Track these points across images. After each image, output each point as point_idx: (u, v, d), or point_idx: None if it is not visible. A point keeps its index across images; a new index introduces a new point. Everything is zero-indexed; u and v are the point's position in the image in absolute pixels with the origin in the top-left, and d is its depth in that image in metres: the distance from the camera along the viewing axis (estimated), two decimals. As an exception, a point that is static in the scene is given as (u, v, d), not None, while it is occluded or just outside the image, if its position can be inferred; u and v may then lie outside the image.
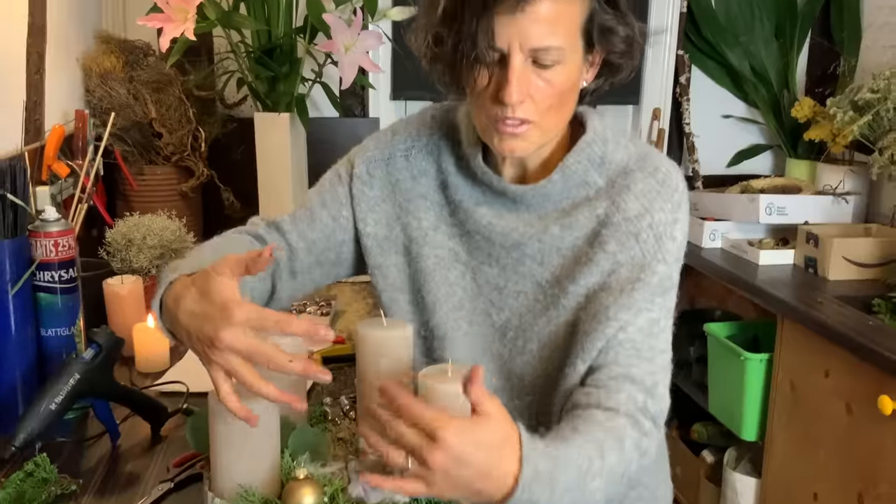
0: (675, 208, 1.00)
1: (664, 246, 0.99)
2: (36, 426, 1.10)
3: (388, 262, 1.10)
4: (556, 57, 0.91)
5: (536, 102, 0.94)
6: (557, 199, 1.03)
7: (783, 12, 2.74)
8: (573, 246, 1.01)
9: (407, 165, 1.10)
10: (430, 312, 1.07)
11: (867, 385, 1.77)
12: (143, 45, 2.26)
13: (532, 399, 1.06)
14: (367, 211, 1.10)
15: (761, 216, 2.36)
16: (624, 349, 0.96)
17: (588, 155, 1.01)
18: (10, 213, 1.20)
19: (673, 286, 1.01)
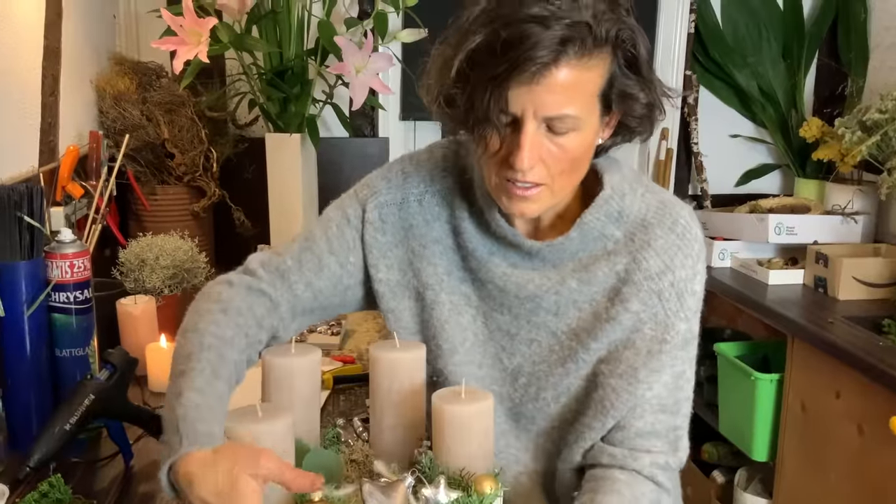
0: (695, 262, 1.01)
1: (686, 303, 1.00)
2: (50, 447, 1.11)
3: (402, 307, 1.08)
4: (572, 125, 0.90)
5: (548, 167, 0.92)
6: (574, 251, 1.01)
7: (791, 33, 2.76)
8: (591, 300, 1.01)
9: (420, 210, 1.08)
10: (445, 360, 1.05)
11: (879, 406, 1.77)
12: (157, 66, 2.29)
13: (541, 441, 1.07)
14: (379, 257, 1.08)
15: (770, 236, 2.36)
16: (651, 406, 0.99)
17: (606, 211, 1.00)
18: (27, 234, 1.22)
19: (694, 337, 1.02)
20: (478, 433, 0.92)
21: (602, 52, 0.88)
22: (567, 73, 0.86)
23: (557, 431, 1.06)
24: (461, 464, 0.90)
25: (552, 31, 0.83)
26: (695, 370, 1.04)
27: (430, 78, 0.95)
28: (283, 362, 0.96)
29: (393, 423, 0.99)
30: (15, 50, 1.61)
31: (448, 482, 0.85)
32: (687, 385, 1.02)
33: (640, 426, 1.00)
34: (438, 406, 0.92)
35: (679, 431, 1.02)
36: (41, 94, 1.75)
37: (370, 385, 1.01)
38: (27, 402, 1.24)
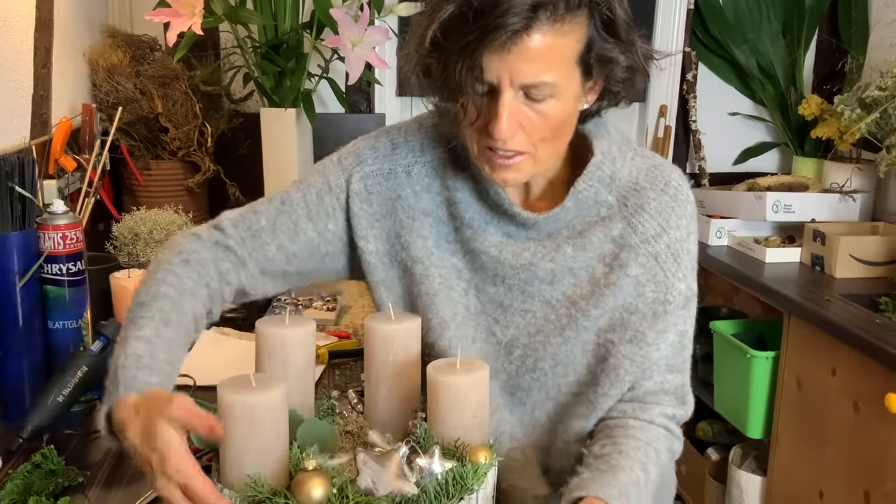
0: (688, 222, 1.03)
1: (682, 263, 1.02)
2: (44, 418, 1.10)
3: (392, 277, 1.07)
4: (549, 92, 0.88)
5: (529, 134, 0.91)
6: (569, 221, 1.02)
7: (791, 10, 2.73)
8: (587, 266, 1.01)
9: (409, 181, 1.06)
10: (437, 334, 1.04)
11: (874, 383, 1.77)
12: (150, 39, 2.26)
13: (537, 415, 1.06)
14: (367, 228, 1.06)
15: (768, 214, 2.36)
16: (658, 367, 1.02)
17: (598, 177, 1.00)
18: (19, 205, 1.21)
19: (694, 295, 1.05)
20: (472, 404, 0.91)
21: (577, 16, 0.86)
22: (540, 40, 0.84)
23: (553, 404, 1.05)
24: (456, 434, 0.90)
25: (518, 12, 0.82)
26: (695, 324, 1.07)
27: (408, 48, 0.93)
28: (277, 332, 0.95)
29: (387, 394, 0.99)
30: (7, 21, 1.59)
31: (442, 452, 0.85)
32: (690, 343, 1.06)
33: (650, 386, 1.03)
34: (433, 377, 0.91)
35: (686, 387, 1.06)
36: (33, 66, 1.73)
37: (365, 356, 1.01)
38: (19, 374, 1.23)
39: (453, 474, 0.82)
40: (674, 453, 1.06)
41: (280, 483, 0.82)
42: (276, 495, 0.79)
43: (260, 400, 0.82)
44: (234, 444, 0.82)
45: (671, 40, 2.72)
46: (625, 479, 0.93)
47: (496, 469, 0.88)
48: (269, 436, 0.82)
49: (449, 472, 0.83)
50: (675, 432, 1.05)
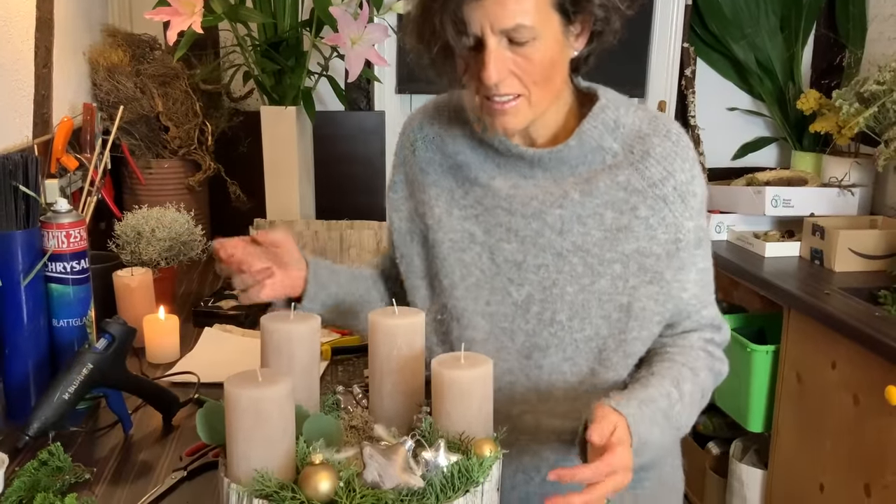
0: (691, 166, 1.06)
1: (689, 203, 1.05)
2: (49, 415, 1.11)
3: (412, 252, 1.14)
4: (529, 34, 0.95)
5: (520, 77, 0.97)
6: (574, 163, 1.05)
7: (788, 5, 2.74)
8: (595, 213, 1.04)
9: (415, 160, 1.15)
10: (447, 295, 1.10)
11: (874, 376, 1.78)
12: (150, 38, 2.26)
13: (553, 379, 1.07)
14: (393, 211, 1.17)
15: (767, 208, 2.37)
16: (692, 308, 1.07)
17: (602, 120, 1.05)
18: (23, 204, 1.21)
19: (706, 236, 1.09)
20: (477, 398, 0.92)
21: None
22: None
23: (570, 365, 1.06)
24: (460, 428, 0.90)
25: None
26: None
27: (406, 21, 1.02)
28: (282, 328, 0.96)
29: (392, 389, 0.99)
30: (7, 21, 1.59)
31: (448, 446, 0.85)
32: (711, 278, 1.10)
33: (687, 325, 1.09)
34: (438, 371, 0.92)
35: (718, 317, 1.11)
36: (34, 66, 1.73)
37: (369, 351, 1.01)
38: (25, 372, 1.24)
39: (459, 467, 0.83)
40: (717, 374, 1.10)
41: (287, 477, 0.83)
42: (283, 489, 0.79)
43: (266, 394, 0.82)
44: (240, 438, 0.83)
45: (669, 36, 2.73)
46: (653, 393, 0.98)
47: (501, 462, 0.88)
48: (276, 430, 0.83)
49: (454, 466, 0.83)
50: (716, 354, 1.10)
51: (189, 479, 1.11)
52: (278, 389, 0.83)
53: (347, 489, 0.79)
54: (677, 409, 1.01)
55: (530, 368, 1.07)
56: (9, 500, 1.01)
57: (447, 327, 1.11)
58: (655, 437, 0.97)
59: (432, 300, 1.12)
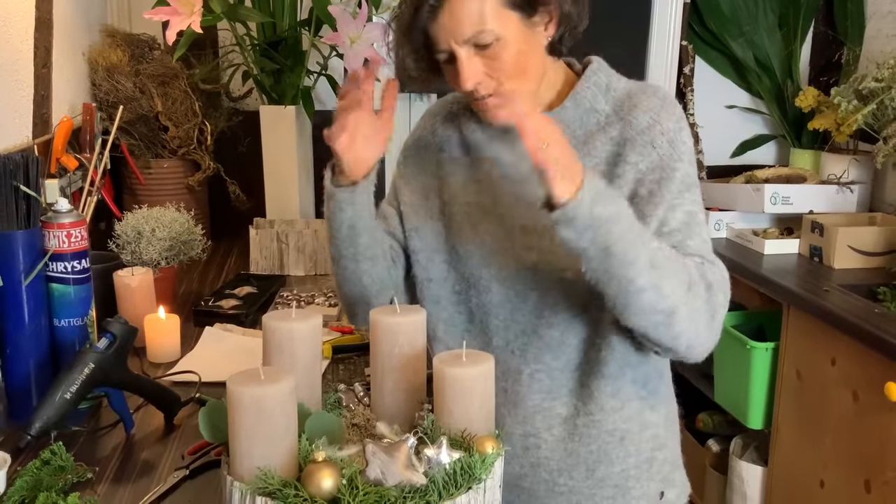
0: (678, 119, 1.11)
1: (678, 148, 1.08)
2: (51, 415, 1.11)
3: (426, 227, 1.19)
4: (490, 38, 1.01)
5: (495, 77, 1.04)
6: (572, 126, 1.11)
7: (786, 2, 2.74)
8: (593, 171, 1.06)
9: (434, 140, 1.22)
10: (464, 264, 1.16)
11: (874, 373, 1.78)
12: (149, 38, 2.27)
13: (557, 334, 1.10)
14: (402, 185, 1.22)
15: (766, 206, 2.37)
16: (673, 238, 1.05)
17: (595, 81, 1.12)
18: (23, 204, 1.21)
19: (695, 183, 1.11)
20: (479, 395, 0.92)
21: None
22: (457, 1, 1.00)
23: (580, 321, 1.10)
24: (462, 426, 0.90)
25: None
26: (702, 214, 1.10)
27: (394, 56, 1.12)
28: (284, 326, 0.96)
29: (393, 387, 0.99)
30: (7, 21, 1.59)
31: (450, 443, 0.85)
32: (701, 226, 1.09)
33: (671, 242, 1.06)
34: (440, 369, 0.92)
35: (710, 254, 1.07)
36: (34, 66, 1.73)
37: (371, 349, 1.01)
38: (27, 372, 1.24)
39: (461, 464, 0.83)
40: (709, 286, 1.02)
41: (290, 475, 0.83)
42: (286, 487, 0.80)
43: (268, 392, 0.82)
44: (243, 436, 0.83)
45: (668, 34, 2.73)
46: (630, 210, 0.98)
47: (503, 459, 0.88)
48: (279, 428, 0.83)
49: (457, 463, 0.83)
50: (708, 258, 1.06)
51: (191, 477, 1.11)
52: (281, 387, 0.83)
53: (350, 486, 0.79)
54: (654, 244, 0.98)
55: (542, 327, 1.12)
56: (11, 500, 1.01)
57: (466, 295, 1.17)
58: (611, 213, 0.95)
59: (448, 271, 1.17)
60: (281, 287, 1.94)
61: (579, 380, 1.12)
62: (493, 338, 1.14)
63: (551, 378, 1.12)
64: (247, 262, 2.08)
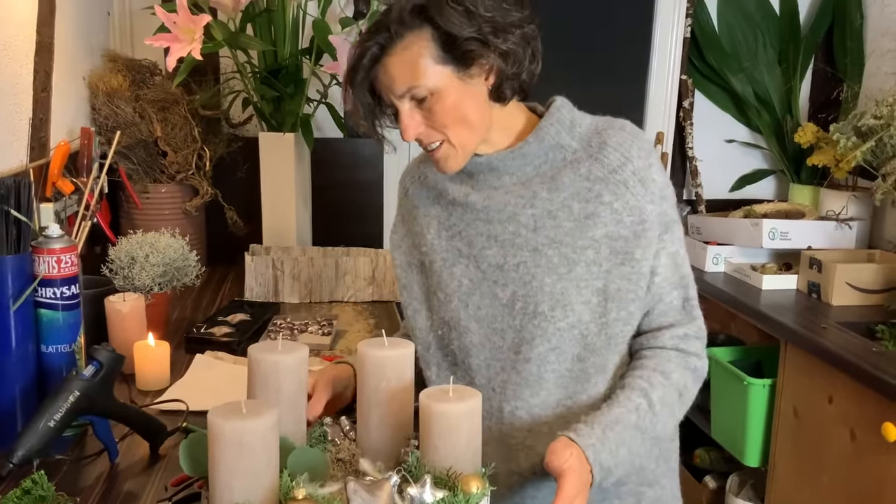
0: (648, 154, 1.12)
1: (649, 188, 1.10)
2: (34, 443, 1.09)
3: (412, 281, 1.23)
4: (424, 91, 1.05)
5: (436, 127, 1.08)
6: (537, 162, 1.13)
7: (786, 39, 2.76)
8: (563, 206, 1.10)
9: (408, 201, 1.26)
10: (444, 308, 1.17)
11: (871, 412, 1.76)
12: (150, 64, 2.28)
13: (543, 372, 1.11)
14: (394, 249, 1.26)
15: (764, 241, 2.36)
16: (663, 290, 1.12)
17: (558, 118, 1.13)
18: (14, 229, 1.21)
19: (674, 221, 1.14)
20: (465, 432, 0.91)
21: (413, 29, 1.04)
22: (391, 59, 1.05)
23: (556, 355, 1.10)
24: (448, 463, 0.89)
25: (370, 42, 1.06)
26: (685, 246, 1.16)
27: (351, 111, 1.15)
28: (270, 359, 0.95)
29: (379, 421, 0.98)
30: (7, 45, 1.60)
31: (434, 481, 0.84)
32: (684, 262, 1.15)
33: (660, 308, 1.13)
34: (426, 404, 0.91)
35: (692, 301, 1.15)
36: (33, 90, 1.74)
37: (357, 382, 1.00)
38: (12, 398, 1.22)
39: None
40: (695, 370, 1.13)
41: (270, 511, 0.81)
42: (265, 524, 0.78)
43: (249, 426, 0.81)
44: (223, 470, 0.82)
45: (668, 68, 2.75)
46: (618, 413, 1.04)
47: (489, 499, 0.87)
48: (259, 462, 0.82)
49: (441, 502, 0.82)
50: (690, 349, 1.13)
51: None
52: (262, 421, 0.82)
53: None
54: (649, 419, 1.06)
55: (520, 363, 1.11)
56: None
57: (447, 339, 1.17)
58: (623, 457, 1.03)
59: (431, 318, 1.19)
60: (275, 314, 1.92)
61: (561, 416, 1.11)
62: (476, 377, 1.14)
63: (531, 415, 1.11)
64: (242, 289, 2.07)
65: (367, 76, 1.08)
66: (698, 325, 1.15)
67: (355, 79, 1.08)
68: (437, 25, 1.03)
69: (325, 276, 2.07)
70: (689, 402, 1.14)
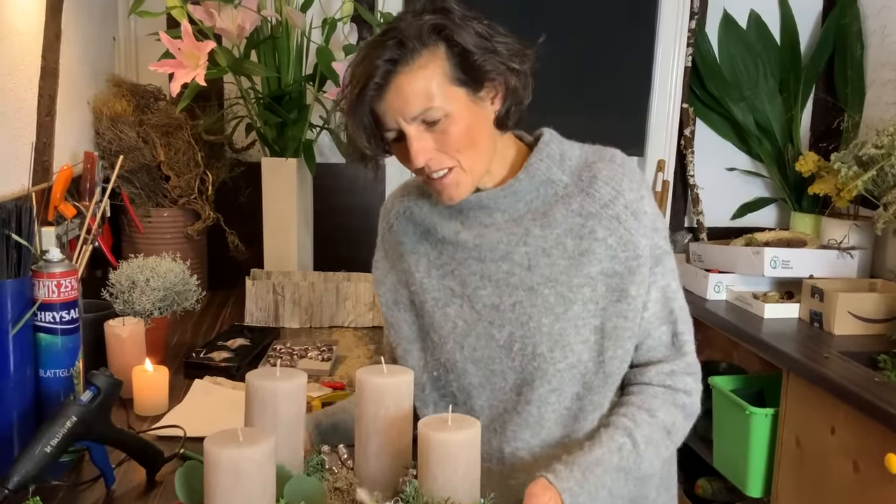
0: (639, 186, 1.11)
1: (641, 221, 1.09)
2: (30, 468, 1.08)
3: (400, 320, 1.20)
4: (439, 113, 1.02)
5: (446, 151, 1.04)
6: (528, 198, 1.11)
7: (787, 68, 2.77)
8: (558, 243, 1.08)
9: (392, 236, 1.23)
10: (440, 349, 1.13)
11: (874, 443, 1.75)
12: (154, 89, 2.29)
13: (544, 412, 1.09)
14: (379, 284, 1.23)
15: (766, 269, 2.36)
16: (652, 325, 1.10)
17: (548, 153, 1.11)
18: (15, 252, 1.21)
19: (666, 253, 1.12)
20: (464, 462, 0.90)
21: (429, 48, 1.00)
22: (405, 79, 1.00)
23: (557, 396, 1.09)
24: (446, 493, 0.88)
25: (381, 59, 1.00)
26: (677, 279, 1.15)
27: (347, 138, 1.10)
28: (268, 385, 0.95)
29: (378, 449, 0.98)
30: (12, 70, 1.61)
31: (432, 511, 0.83)
32: (676, 295, 1.13)
33: (649, 343, 1.11)
34: (424, 433, 0.90)
35: (682, 336, 1.13)
36: (37, 114, 1.75)
37: (356, 410, 1.00)
38: (9, 423, 1.21)
39: (442, 534, 0.81)
40: (683, 407, 1.11)
41: (265, 541, 0.81)
42: (260, 554, 0.77)
43: (246, 454, 0.81)
44: (219, 499, 0.81)
45: (669, 96, 2.76)
46: (599, 454, 1.03)
47: (486, 529, 0.86)
48: (255, 491, 0.81)
49: (437, 532, 0.81)
50: (678, 386, 1.11)
51: (169, 537, 1.08)
52: (259, 449, 0.82)
53: (326, 555, 0.77)
54: (633, 459, 1.05)
55: (520, 404, 1.10)
56: (-17, 557, 0.98)
57: (444, 381, 1.15)
58: (604, 499, 1.02)
59: (426, 359, 1.16)
60: (275, 339, 1.92)
61: (559, 456, 1.08)
62: (479, 418, 1.12)
63: (532, 455, 1.10)
64: (242, 313, 2.07)
65: (376, 94, 1.01)
66: (688, 360, 1.13)
67: (363, 97, 1.01)
68: (453, 43, 1.01)
69: (325, 301, 2.06)
70: (680, 439, 1.12)
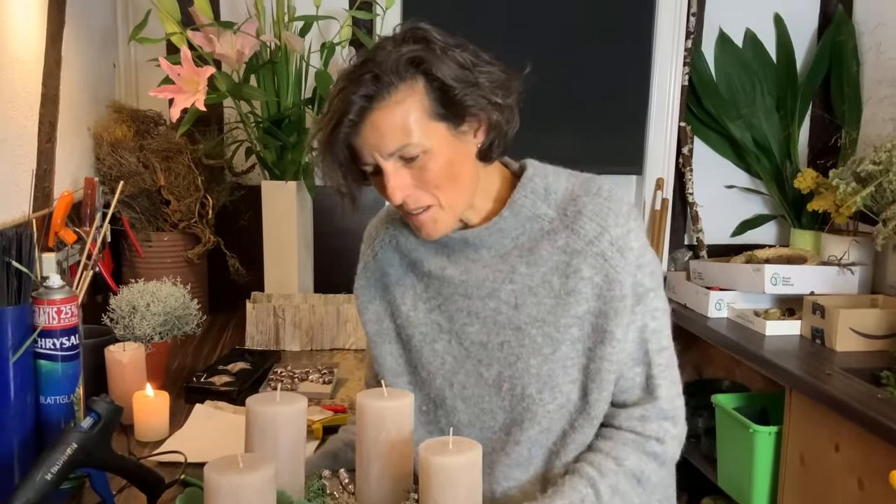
0: (626, 220, 1.07)
1: (627, 258, 1.05)
2: (30, 496, 1.08)
3: (384, 352, 1.17)
4: (416, 150, 0.98)
5: (424, 188, 1.01)
6: (514, 234, 1.09)
7: (784, 86, 2.79)
8: (544, 282, 1.06)
9: (376, 266, 1.20)
10: (428, 385, 1.11)
11: (878, 461, 1.74)
12: (155, 114, 2.31)
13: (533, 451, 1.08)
14: (363, 312, 1.20)
15: (766, 286, 2.36)
16: (626, 366, 1.07)
17: (532, 188, 1.09)
18: (15, 279, 1.21)
19: (645, 290, 1.08)
20: (465, 486, 0.90)
21: (406, 82, 0.97)
22: (381, 115, 0.97)
23: (546, 437, 1.07)
24: (448, 517, 0.88)
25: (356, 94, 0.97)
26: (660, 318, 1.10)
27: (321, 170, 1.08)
28: (268, 410, 0.95)
29: (379, 473, 0.97)
30: (13, 97, 1.62)
31: (433, 536, 0.83)
32: (653, 336, 1.09)
33: (621, 384, 1.08)
34: (425, 458, 0.90)
35: (655, 380, 1.08)
36: (37, 141, 1.76)
37: (357, 434, 1.00)
38: (10, 450, 1.21)
39: (443, 559, 0.81)
40: (655, 456, 1.07)
41: (266, 568, 0.80)
42: (261, 581, 0.77)
43: (246, 481, 0.81)
44: (220, 527, 0.81)
45: (666, 115, 2.77)
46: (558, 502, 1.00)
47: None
48: (256, 518, 0.81)
49: (439, 557, 0.81)
50: (648, 432, 1.07)
51: (170, 565, 1.08)
52: (259, 476, 0.81)
53: (327, 582, 0.77)
54: None
55: (509, 444, 1.09)
56: (-17, 586, 0.98)
57: (434, 416, 1.13)
58: None
59: (414, 394, 1.12)
60: (276, 363, 1.92)
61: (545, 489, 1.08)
62: None
63: (523, 492, 1.09)
64: (243, 337, 2.07)
65: (351, 131, 0.98)
66: (660, 405, 1.08)
67: (337, 134, 0.98)
68: (432, 77, 0.97)
69: (326, 323, 2.06)
70: (652, 485, 1.08)
